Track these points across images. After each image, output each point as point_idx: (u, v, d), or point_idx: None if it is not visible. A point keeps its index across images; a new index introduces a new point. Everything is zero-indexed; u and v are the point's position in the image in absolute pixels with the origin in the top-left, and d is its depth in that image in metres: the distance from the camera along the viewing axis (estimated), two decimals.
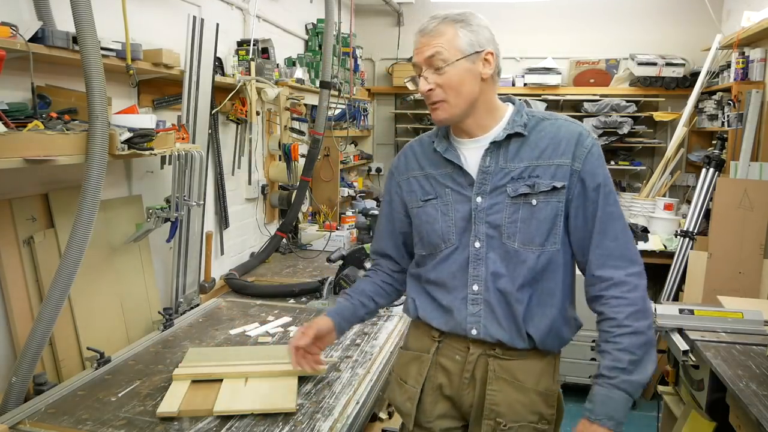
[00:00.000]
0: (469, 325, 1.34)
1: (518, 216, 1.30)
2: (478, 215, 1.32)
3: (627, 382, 1.23)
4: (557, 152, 1.29)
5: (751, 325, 2.13)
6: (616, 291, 1.27)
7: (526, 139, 1.31)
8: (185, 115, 2.34)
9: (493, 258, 1.32)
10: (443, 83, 1.28)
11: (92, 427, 1.42)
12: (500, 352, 1.35)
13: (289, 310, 2.40)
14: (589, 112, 4.56)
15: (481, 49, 1.29)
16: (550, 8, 4.80)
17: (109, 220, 2.05)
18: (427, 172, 1.41)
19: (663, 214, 4.07)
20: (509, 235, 1.30)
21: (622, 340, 1.24)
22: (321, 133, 3.27)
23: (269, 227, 3.43)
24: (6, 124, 1.43)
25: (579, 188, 1.29)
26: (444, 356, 1.41)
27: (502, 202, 1.31)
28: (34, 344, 1.56)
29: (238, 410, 1.48)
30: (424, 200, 1.40)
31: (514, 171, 1.30)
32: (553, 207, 1.29)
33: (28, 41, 1.52)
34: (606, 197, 1.28)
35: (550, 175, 1.28)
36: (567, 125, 1.32)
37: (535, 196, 1.29)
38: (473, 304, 1.34)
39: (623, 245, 1.29)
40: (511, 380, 1.35)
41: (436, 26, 1.28)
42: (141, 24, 2.14)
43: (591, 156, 1.29)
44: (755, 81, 3.54)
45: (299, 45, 3.99)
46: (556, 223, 1.30)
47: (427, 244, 1.40)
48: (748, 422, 1.61)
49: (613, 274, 1.27)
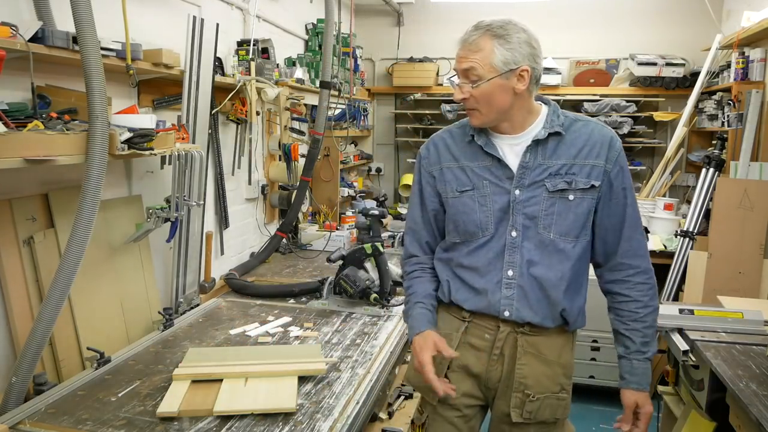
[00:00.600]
0: (502, 307, 1.45)
1: (554, 209, 1.42)
2: (516, 207, 1.42)
3: (653, 353, 1.47)
4: (593, 153, 1.42)
5: (751, 325, 2.13)
6: (641, 278, 1.47)
7: (562, 138, 1.43)
8: (185, 115, 2.34)
9: (528, 247, 1.43)
10: (476, 95, 1.38)
11: (92, 427, 1.42)
12: (528, 329, 1.47)
13: (289, 310, 2.40)
14: (589, 112, 4.56)
15: (516, 67, 1.35)
16: (550, 8, 4.79)
17: (109, 220, 2.05)
18: (462, 164, 1.49)
19: (663, 214, 4.07)
20: (545, 226, 1.42)
21: (647, 319, 1.46)
22: (321, 133, 3.27)
23: (269, 227, 3.43)
24: (6, 124, 1.43)
25: (607, 187, 1.43)
26: (473, 335, 1.51)
27: (539, 195, 1.41)
28: (34, 344, 1.56)
29: (238, 410, 1.48)
30: (461, 191, 1.47)
31: (552, 167, 1.42)
32: (588, 203, 1.42)
33: (28, 41, 1.52)
34: (632, 196, 1.46)
35: (586, 174, 1.41)
36: (599, 128, 1.45)
37: (573, 192, 1.41)
38: (507, 287, 1.45)
39: (645, 241, 1.50)
40: (537, 354, 1.48)
41: (476, 39, 1.36)
42: (141, 24, 2.14)
43: (620, 159, 1.44)
44: (755, 81, 3.54)
45: (299, 45, 3.99)
46: (588, 218, 1.44)
47: (463, 232, 1.49)
48: (748, 422, 1.61)
49: (640, 263, 1.47)
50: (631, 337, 1.47)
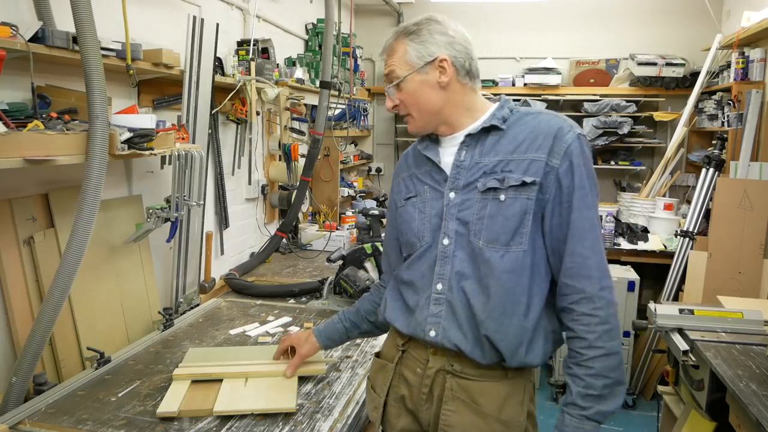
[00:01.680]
0: (428, 325, 1.26)
1: (486, 212, 1.22)
2: (449, 211, 1.26)
3: (601, 413, 1.15)
4: (533, 146, 1.21)
5: (751, 325, 2.13)
6: (586, 307, 1.17)
7: (504, 134, 1.25)
8: (185, 115, 2.34)
9: (461, 257, 1.24)
10: (404, 99, 1.29)
11: (92, 427, 1.42)
12: (459, 369, 1.26)
13: (289, 310, 2.40)
14: (589, 112, 4.56)
15: (432, 58, 1.25)
16: (550, 8, 4.80)
17: (109, 220, 2.05)
18: (412, 172, 1.38)
19: (663, 214, 4.07)
20: (476, 233, 1.22)
21: (594, 364, 1.15)
22: (321, 133, 3.27)
23: (269, 227, 3.43)
24: (6, 124, 1.43)
25: (556, 187, 1.19)
26: (406, 367, 1.35)
27: (473, 198, 1.24)
28: (34, 344, 1.56)
29: (238, 410, 1.48)
30: (406, 199, 1.37)
31: (487, 165, 1.24)
32: (521, 204, 1.19)
33: (28, 41, 1.52)
34: (583, 200, 1.18)
35: (522, 170, 1.20)
36: (549, 118, 1.24)
37: (504, 192, 1.20)
38: (435, 303, 1.27)
39: (599, 256, 1.19)
40: (468, 402, 1.25)
41: (391, 44, 1.30)
42: (141, 24, 2.14)
43: (572, 153, 1.18)
44: (755, 81, 3.54)
45: (299, 45, 3.99)
46: (524, 222, 1.20)
47: (405, 243, 1.37)
48: (748, 422, 1.61)
49: (585, 286, 1.17)
50: (571, 384, 1.18)
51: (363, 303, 1.59)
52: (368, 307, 1.57)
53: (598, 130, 4.53)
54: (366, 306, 1.57)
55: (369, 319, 1.56)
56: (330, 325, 1.61)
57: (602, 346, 1.15)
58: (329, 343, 1.62)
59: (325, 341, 1.61)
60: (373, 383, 1.45)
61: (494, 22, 4.95)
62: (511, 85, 4.75)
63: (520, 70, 4.79)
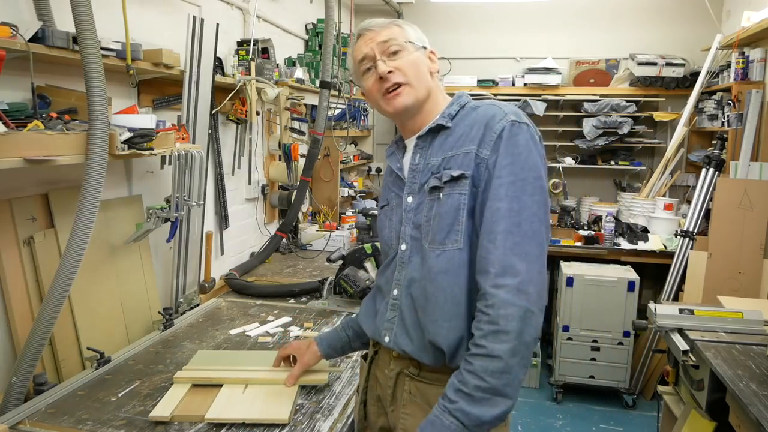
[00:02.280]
0: (383, 331, 1.28)
1: (432, 213, 1.18)
2: (407, 216, 1.24)
3: (464, 413, 1.04)
4: (468, 139, 1.17)
5: (751, 325, 2.13)
6: (481, 303, 1.09)
7: (451, 132, 1.21)
8: (185, 115, 2.34)
9: (415, 261, 1.22)
10: (402, 66, 1.21)
11: (92, 427, 1.42)
12: (415, 372, 1.25)
13: (289, 310, 2.40)
14: (589, 112, 4.56)
15: (425, 45, 1.27)
16: (550, 8, 4.80)
17: (109, 220, 2.05)
18: (386, 180, 1.38)
19: (663, 214, 4.08)
20: (425, 235, 1.19)
21: (473, 361, 1.06)
22: (321, 133, 3.27)
23: (269, 227, 3.43)
24: (6, 124, 1.43)
25: (486, 178, 1.13)
26: (378, 368, 1.36)
27: (425, 200, 1.21)
28: (34, 344, 1.56)
29: (230, 419, 1.45)
30: (381, 208, 1.38)
31: (434, 166, 1.21)
32: (454, 199, 1.15)
33: (28, 41, 1.52)
34: (496, 190, 1.10)
35: (458, 165, 1.16)
36: (486, 109, 1.19)
37: (442, 190, 1.17)
38: (391, 309, 1.27)
39: (505, 250, 1.07)
40: (423, 405, 1.21)
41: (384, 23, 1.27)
42: (141, 24, 2.14)
43: (501, 141, 1.12)
44: (755, 81, 3.54)
45: (299, 45, 3.99)
46: (457, 218, 1.14)
47: (382, 252, 1.37)
48: (748, 422, 1.61)
49: (481, 281, 1.09)
50: (452, 376, 1.11)
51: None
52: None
53: (598, 130, 4.53)
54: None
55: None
56: (332, 333, 1.57)
57: (485, 345, 1.06)
58: (331, 351, 1.56)
59: (326, 350, 1.55)
60: (358, 384, 1.47)
61: (494, 22, 4.95)
62: (511, 85, 4.75)
63: (520, 70, 4.79)
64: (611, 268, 3.66)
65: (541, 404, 3.67)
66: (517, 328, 1.05)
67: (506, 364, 1.05)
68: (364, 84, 1.27)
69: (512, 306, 1.05)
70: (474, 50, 4.97)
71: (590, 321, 3.52)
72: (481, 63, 4.97)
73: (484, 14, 4.94)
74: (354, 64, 1.30)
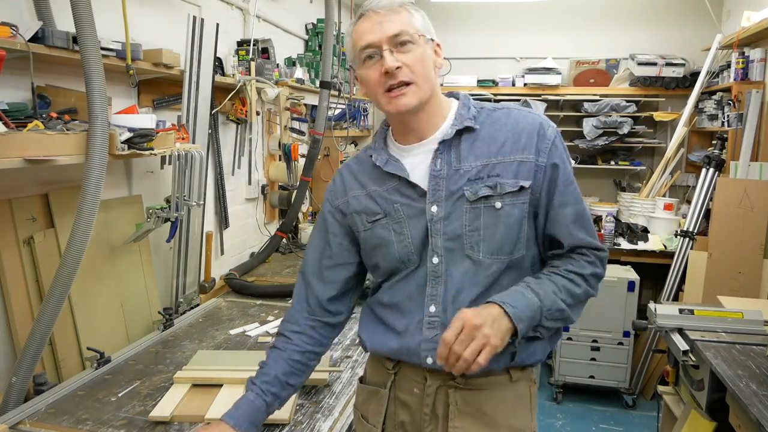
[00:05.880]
0: (423, 352, 1.16)
1: (480, 222, 1.13)
2: (435, 227, 1.15)
3: (546, 299, 1.10)
4: (518, 147, 1.14)
5: (751, 325, 2.13)
6: (571, 252, 1.17)
7: (478, 134, 1.16)
8: (185, 115, 2.34)
9: (455, 274, 1.15)
10: (411, 63, 1.11)
11: (92, 427, 1.42)
12: (462, 382, 1.17)
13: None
14: (589, 112, 4.56)
15: (432, 37, 1.16)
16: (550, 8, 4.80)
17: (109, 220, 2.05)
18: (370, 190, 1.22)
19: (663, 214, 4.07)
20: (472, 245, 1.14)
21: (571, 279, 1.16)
22: (321, 133, 3.27)
23: (269, 227, 3.43)
24: (6, 124, 1.44)
25: (546, 185, 1.15)
26: (402, 390, 1.24)
27: (460, 208, 1.14)
28: (34, 344, 1.56)
29: None
30: (372, 221, 1.21)
31: (471, 171, 1.14)
32: (519, 209, 1.14)
33: (28, 41, 1.52)
34: (562, 195, 1.16)
35: (513, 173, 1.13)
36: (524, 116, 1.18)
37: (499, 199, 1.13)
38: (429, 327, 1.16)
39: (583, 232, 1.18)
40: (477, 414, 1.16)
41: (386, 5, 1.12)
42: (141, 24, 2.14)
43: (555, 148, 1.15)
44: (755, 81, 3.54)
45: (299, 45, 3.99)
46: (522, 227, 1.15)
47: (385, 270, 1.22)
48: (748, 422, 1.61)
49: (585, 237, 1.17)
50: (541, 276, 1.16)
51: (281, 363, 1.26)
52: (286, 368, 1.26)
53: (598, 130, 4.53)
54: (288, 367, 1.27)
55: (290, 382, 1.27)
56: (245, 405, 1.22)
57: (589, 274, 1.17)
58: (253, 429, 1.22)
59: (248, 428, 1.21)
60: (363, 412, 1.31)
61: (494, 22, 4.95)
62: (511, 85, 4.75)
63: (520, 70, 4.79)
64: (611, 268, 3.65)
65: (541, 404, 3.66)
66: (597, 286, 1.19)
67: (586, 299, 1.19)
68: (364, 73, 1.15)
69: (603, 268, 1.19)
70: (474, 50, 4.96)
71: (590, 321, 3.51)
72: (481, 63, 4.97)
73: (484, 14, 4.94)
74: (353, 47, 1.16)
